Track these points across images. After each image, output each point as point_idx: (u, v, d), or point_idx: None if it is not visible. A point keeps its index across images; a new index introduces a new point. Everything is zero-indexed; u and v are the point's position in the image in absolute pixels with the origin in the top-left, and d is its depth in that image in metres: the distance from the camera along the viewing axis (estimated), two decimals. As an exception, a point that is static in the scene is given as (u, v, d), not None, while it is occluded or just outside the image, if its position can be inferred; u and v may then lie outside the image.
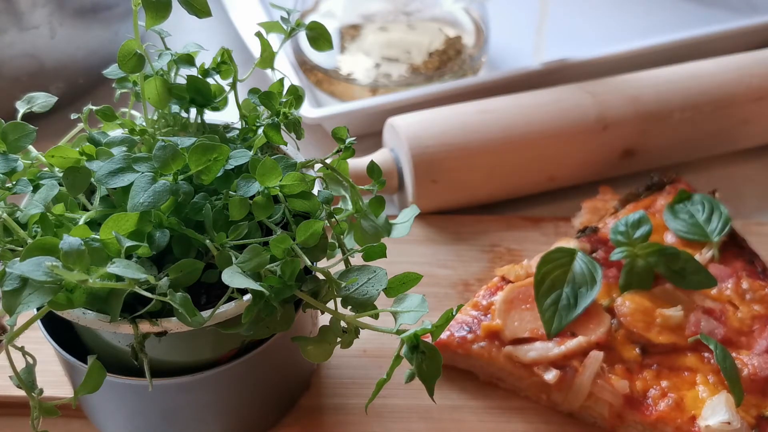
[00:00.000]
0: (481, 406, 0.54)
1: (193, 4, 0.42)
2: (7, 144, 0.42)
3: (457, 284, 0.61)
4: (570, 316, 0.52)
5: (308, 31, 0.47)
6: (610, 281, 0.55)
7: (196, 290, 0.42)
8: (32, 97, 0.46)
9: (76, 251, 0.34)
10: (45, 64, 0.68)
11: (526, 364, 0.52)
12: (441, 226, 0.65)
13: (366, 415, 0.52)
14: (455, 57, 0.75)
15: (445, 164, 0.63)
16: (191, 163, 0.40)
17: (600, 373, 0.51)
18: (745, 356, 0.51)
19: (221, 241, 0.40)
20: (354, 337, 0.42)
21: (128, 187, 0.39)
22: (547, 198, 0.68)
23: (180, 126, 0.47)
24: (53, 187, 0.41)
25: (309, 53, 0.75)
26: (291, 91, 0.47)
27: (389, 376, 0.39)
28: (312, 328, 0.51)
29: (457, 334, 0.53)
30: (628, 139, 0.66)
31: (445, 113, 0.65)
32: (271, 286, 0.39)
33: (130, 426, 0.49)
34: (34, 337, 0.43)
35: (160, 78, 0.45)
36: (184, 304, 0.37)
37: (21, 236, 0.40)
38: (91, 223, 0.41)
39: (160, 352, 0.43)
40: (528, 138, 0.64)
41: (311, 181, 0.42)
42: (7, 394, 0.52)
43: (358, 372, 0.55)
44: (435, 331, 0.38)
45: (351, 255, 0.43)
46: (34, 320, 0.38)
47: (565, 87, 0.68)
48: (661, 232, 0.58)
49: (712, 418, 0.48)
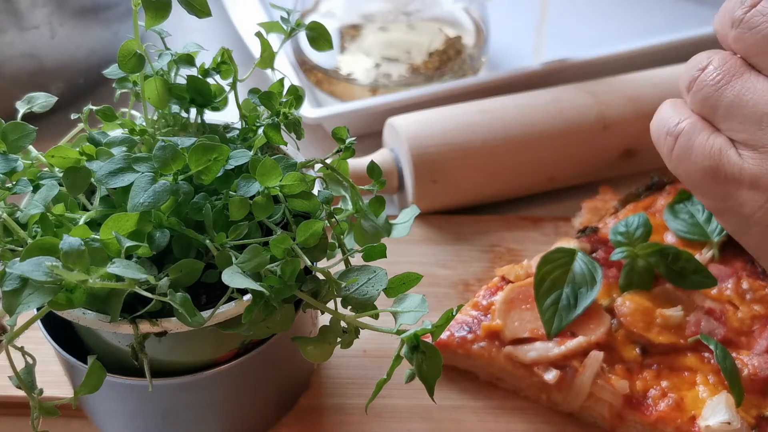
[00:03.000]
0: (482, 406, 0.54)
1: (193, 4, 0.42)
2: (7, 144, 0.42)
3: (457, 284, 0.61)
4: (570, 317, 0.52)
5: (308, 31, 0.47)
6: (610, 281, 0.55)
7: (196, 290, 0.42)
8: (32, 97, 0.46)
9: (76, 251, 0.34)
10: (45, 64, 0.68)
11: (526, 364, 0.52)
12: (441, 226, 0.65)
13: (366, 415, 0.52)
14: (455, 57, 0.75)
15: (445, 164, 0.63)
16: (191, 163, 0.40)
17: (600, 373, 0.51)
18: (745, 356, 0.51)
19: (221, 241, 0.40)
20: (354, 337, 0.42)
21: (128, 187, 0.39)
22: (547, 198, 0.68)
23: (180, 126, 0.47)
24: (53, 187, 0.41)
25: (309, 53, 0.75)
26: (291, 91, 0.47)
27: (389, 376, 0.39)
28: (312, 328, 0.51)
29: (457, 334, 0.53)
30: (628, 139, 0.66)
31: (445, 113, 0.65)
32: (271, 286, 0.39)
33: (130, 426, 0.49)
34: (34, 337, 0.43)
35: (160, 78, 0.45)
36: (184, 304, 0.37)
37: (21, 236, 0.40)
38: (91, 223, 0.41)
39: (160, 352, 0.43)
40: (528, 138, 0.64)
41: (311, 181, 0.42)
42: (7, 394, 0.52)
43: (358, 372, 0.55)
44: (435, 331, 0.38)
45: (351, 255, 0.43)
46: (34, 320, 0.38)
47: (565, 87, 0.68)
48: (661, 232, 0.58)
49: (712, 418, 0.48)
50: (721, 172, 0.42)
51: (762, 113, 0.40)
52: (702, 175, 0.43)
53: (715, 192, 0.43)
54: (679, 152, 0.44)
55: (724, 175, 0.42)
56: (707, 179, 0.43)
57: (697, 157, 0.43)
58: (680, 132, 0.44)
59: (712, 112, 0.43)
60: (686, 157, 0.44)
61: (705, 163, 0.43)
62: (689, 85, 0.44)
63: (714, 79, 0.42)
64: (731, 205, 0.43)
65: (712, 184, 0.43)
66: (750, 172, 0.41)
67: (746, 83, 0.41)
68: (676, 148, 0.44)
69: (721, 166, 0.42)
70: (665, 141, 0.45)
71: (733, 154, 0.42)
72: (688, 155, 0.44)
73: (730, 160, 0.42)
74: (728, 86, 0.41)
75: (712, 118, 0.43)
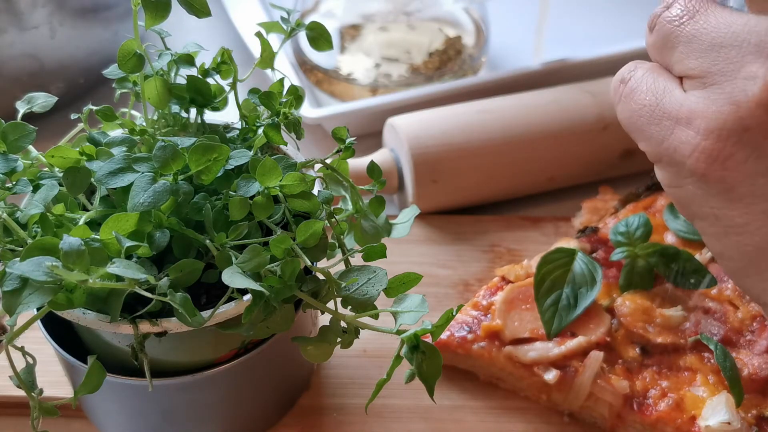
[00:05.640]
0: (482, 406, 0.54)
1: (193, 4, 0.42)
2: (7, 144, 0.42)
3: (457, 284, 0.61)
4: (570, 317, 0.52)
5: (308, 31, 0.47)
6: (610, 281, 0.55)
7: (196, 290, 0.42)
8: (32, 97, 0.46)
9: (76, 251, 0.34)
10: (45, 64, 0.68)
11: (526, 364, 0.52)
12: (441, 226, 0.65)
13: (366, 415, 0.52)
14: (455, 57, 0.75)
15: (445, 164, 0.63)
16: (191, 163, 0.40)
17: (600, 373, 0.51)
18: (745, 356, 0.51)
19: (221, 241, 0.40)
20: (354, 337, 0.42)
21: (128, 187, 0.39)
22: (547, 198, 0.68)
23: (180, 126, 0.47)
24: (53, 187, 0.41)
25: (309, 53, 0.75)
26: (291, 91, 0.47)
27: (389, 376, 0.39)
28: (312, 328, 0.51)
29: (457, 334, 0.53)
30: (628, 139, 0.65)
31: (445, 113, 0.65)
32: (271, 286, 0.39)
33: (130, 426, 0.49)
34: (34, 337, 0.43)
35: (160, 78, 0.45)
36: (184, 304, 0.37)
37: (21, 236, 0.40)
38: (91, 223, 0.41)
39: (160, 352, 0.43)
40: (528, 138, 0.64)
41: (311, 181, 0.42)
42: (7, 394, 0.52)
43: (358, 372, 0.55)
44: (435, 331, 0.38)
45: (351, 255, 0.43)
46: (34, 320, 0.38)
47: (565, 87, 0.68)
48: (661, 232, 0.58)
49: (712, 418, 0.48)
50: (659, 108, 0.39)
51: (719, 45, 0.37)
52: (639, 114, 0.40)
53: (650, 131, 0.40)
54: (625, 94, 0.41)
55: (662, 111, 0.39)
56: (644, 117, 0.40)
57: (639, 96, 0.40)
58: (631, 77, 0.42)
59: (669, 51, 0.40)
60: (630, 98, 0.41)
61: (645, 101, 0.40)
62: (651, 23, 0.41)
63: (678, 15, 0.39)
64: (666, 148, 0.39)
65: (647, 123, 0.40)
66: (688, 108, 0.38)
67: (709, 17, 0.38)
68: (624, 91, 0.42)
69: (661, 103, 0.39)
70: (617, 88, 0.42)
71: (678, 91, 0.39)
72: (632, 96, 0.41)
73: (672, 96, 0.39)
74: (691, 21, 0.39)
75: (669, 59, 0.40)
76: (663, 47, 0.40)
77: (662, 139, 0.39)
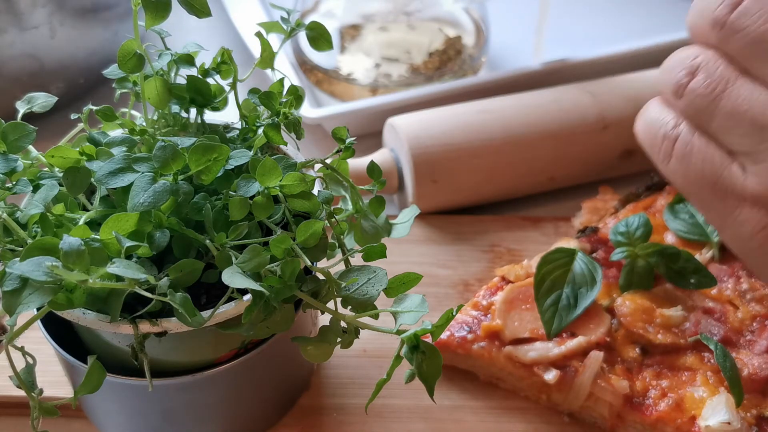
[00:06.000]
0: (482, 406, 0.54)
1: (193, 4, 0.42)
2: (7, 144, 0.42)
3: (457, 284, 0.61)
4: (570, 317, 0.52)
5: (308, 31, 0.47)
6: (610, 281, 0.55)
7: (196, 290, 0.42)
8: (32, 97, 0.46)
9: (76, 251, 0.34)
10: (45, 64, 0.68)
11: (526, 364, 0.52)
12: (441, 226, 0.65)
13: (366, 415, 0.52)
14: (455, 57, 0.75)
15: (445, 164, 0.63)
16: (191, 163, 0.40)
17: (600, 373, 0.51)
18: (745, 356, 0.51)
19: (221, 241, 0.40)
20: (354, 337, 0.42)
21: (128, 187, 0.39)
22: (547, 198, 0.68)
23: (180, 126, 0.47)
24: (53, 187, 0.41)
25: (309, 53, 0.75)
26: (291, 91, 0.47)
27: (389, 376, 0.39)
28: (312, 328, 0.51)
29: (457, 334, 0.53)
30: (628, 139, 0.66)
31: (445, 113, 0.65)
32: (271, 286, 0.39)
33: (130, 426, 0.49)
34: (34, 337, 0.43)
35: (160, 78, 0.45)
36: (184, 304, 0.37)
37: (21, 236, 0.40)
38: (91, 223, 0.41)
39: (160, 352, 0.43)
40: (528, 138, 0.64)
41: (311, 181, 0.42)
42: (7, 394, 0.52)
43: (358, 372, 0.55)
44: (435, 331, 0.38)
45: (351, 255, 0.43)
46: (34, 320, 0.38)
47: (565, 87, 0.68)
48: (661, 232, 0.58)
49: (712, 418, 0.48)
50: (720, 184, 0.40)
51: (761, 125, 0.38)
52: (700, 186, 0.41)
53: (713, 205, 0.41)
54: (678, 156, 0.41)
55: (724, 188, 0.40)
56: (705, 190, 0.40)
57: (695, 163, 0.40)
58: (677, 136, 0.41)
59: (707, 122, 0.40)
60: (685, 163, 0.41)
61: (704, 172, 0.40)
62: (677, 91, 0.41)
63: (708, 89, 0.39)
64: (730, 222, 0.40)
65: (710, 196, 0.40)
66: (753, 189, 0.38)
67: (742, 91, 0.38)
68: (675, 153, 0.41)
69: (721, 179, 0.40)
70: (662, 144, 0.42)
71: (735, 167, 0.39)
72: (687, 161, 0.41)
73: (731, 172, 0.39)
74: (723, 95, 0.39)
75: (707, 128, 0.40)
76: (698, 116, 0.40)
77: (727, 213, 0.40)
